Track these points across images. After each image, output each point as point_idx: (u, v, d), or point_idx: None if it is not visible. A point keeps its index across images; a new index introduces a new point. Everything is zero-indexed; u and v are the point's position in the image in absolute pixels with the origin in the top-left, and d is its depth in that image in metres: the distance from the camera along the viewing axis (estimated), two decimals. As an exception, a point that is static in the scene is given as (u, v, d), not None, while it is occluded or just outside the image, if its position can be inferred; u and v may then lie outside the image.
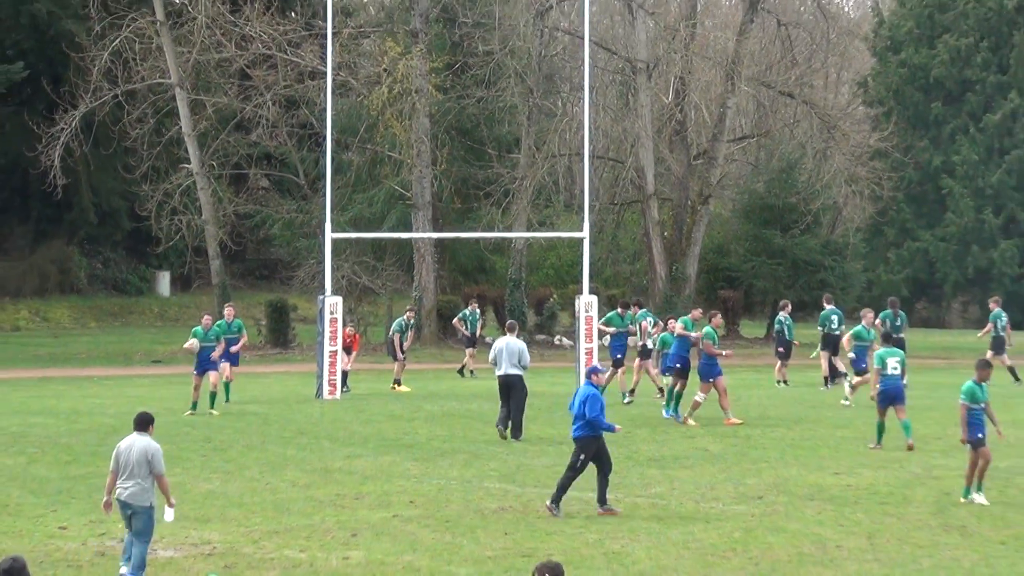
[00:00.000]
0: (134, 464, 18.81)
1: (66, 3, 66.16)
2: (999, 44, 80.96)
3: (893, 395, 29.74)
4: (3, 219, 76.72)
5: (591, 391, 23.54)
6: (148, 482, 18.79)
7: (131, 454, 18.87)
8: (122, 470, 18.86)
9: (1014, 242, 78.76)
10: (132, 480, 18.79)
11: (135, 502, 18.75)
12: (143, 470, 18.79)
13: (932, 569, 19.36)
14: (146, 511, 18.78)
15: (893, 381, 29.72)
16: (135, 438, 19.02)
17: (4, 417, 36.07)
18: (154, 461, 18.80)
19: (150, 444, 18.95)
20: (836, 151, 66.55)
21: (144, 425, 19.19)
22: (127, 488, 18.80)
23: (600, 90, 69.63)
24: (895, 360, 29.82)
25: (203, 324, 37.42)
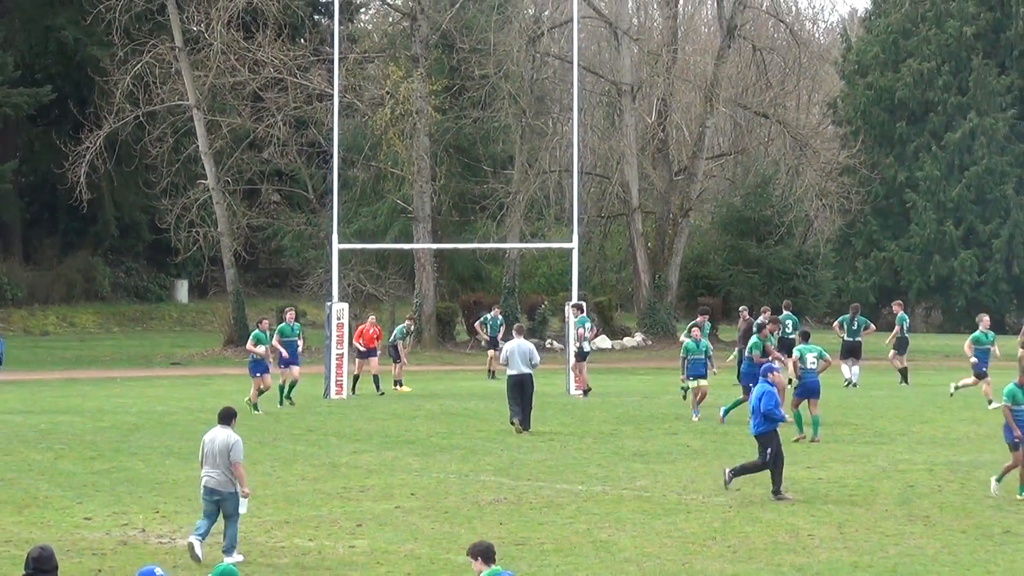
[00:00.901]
0: (217, 454, 19.28)
1: (91, 30, 65.98)
2: (959, 68, 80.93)
3: (811, 389, 30.33)
4: (33, 231, 76.59)
5: (766, 388, 23.76)
6: (231, 471, 19.26)
7: (214, 445, 19.34)
8: (206, 459, 19.37)
9: (973, 252, 78.71)
10: (216, 469, 19.30)
11: (222, 488, 19.22)
12: (225, 459, 19.22)
13: (898, 556, 19.33)
14: (233, 496, 19.23)
15: (812, 375, 30.34)
16: (218, 430, 19.54)
17: (33, 415, 36.01)
18: (233, 450, 19.23)
19: (230, 435, 19.39)
20: (807, 167, 66.48)
21: (227, 419, 19.68)
22: (213, 476, 19.32)
23: (588, 111, 69.58)
24: (813, 355, 30.53)
25: (262, 327, 37.06)
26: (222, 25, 58.90)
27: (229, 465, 19.21)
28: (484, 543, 14.08)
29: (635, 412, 36.13)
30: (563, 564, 18.88)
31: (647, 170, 68.79)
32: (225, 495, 19.22)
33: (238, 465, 19.26)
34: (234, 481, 19.22)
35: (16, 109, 68.90)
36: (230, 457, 19.21)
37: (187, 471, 26.56)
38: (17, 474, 26.33)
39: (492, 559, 13.88)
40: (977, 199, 79.09)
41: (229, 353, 59.49)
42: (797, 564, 18.86)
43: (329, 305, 41.52)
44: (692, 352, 33.75)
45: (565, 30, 64.16)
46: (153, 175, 63.07)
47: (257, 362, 36.44)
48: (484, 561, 13.86)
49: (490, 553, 13.87)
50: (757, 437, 23.82)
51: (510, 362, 32.36)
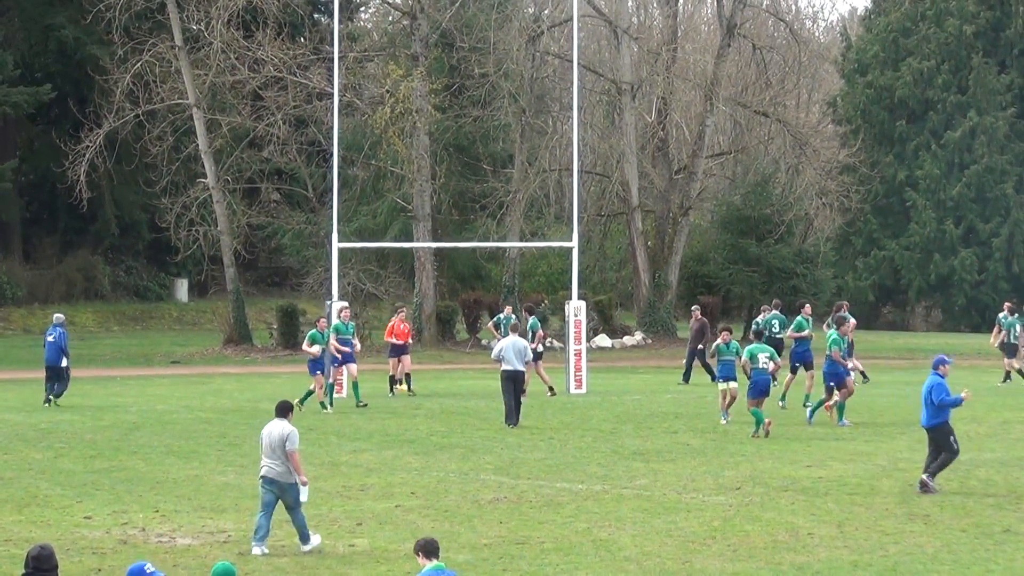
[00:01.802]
0: (275, 445, 19.75)
1: (91, 29, 65.97)
2: (959, 67, 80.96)
3: (762, 388, 31.00)
4: (33, 230, 76.62)
5: (936, 380, 24.06)
6: (289, 461, 19.67)
7: (272, 437, 19.83)
8: (265, 451, 19.84)
9: (973, 251, 78.74)
10: (275, 460, 19.76)
11: (282, 479, 19.66)
12: (282, 450, 19.68)
13: (898, 555, 19.33)
14: (292, 486, 19.68)
15: (763, 374, 31.00)
16: (275, 423, 20.01)
17: (33, 414, 36.02)
18: (289, 440, 19.69)
19: (286, 426, 19.86)
20: (807, 166, 66.52)
21: (284, 412, 20.18)
22: (273, 467, 19.78)
23: (588, 110, 69.57)
24: (765, 356, 31.21)
25: (319, 327, 36.94)
26: (222, 24, 58.90)
27: (287, 456, 19.69)
28: (427, 538, 14.40)
29: (635, 411, 36.14)
30: (563, 563, 18.88)
31: (647, 169, 68.81)
32: (284, 485, 19.67)
33: (294, 454, 19.70)
34: (291, 471, 19.67)
35: (16, 108, 68.90)
36: (286, 447, 19.67)
37: (187, 470, 26.58)
38: (17, 473, 26.33)
39: (434, 554, 14.16)
40: (977, 198, 79.13)
41: (229, 352, 59.51)
42: (797, 563, 18.87)
43: (329, 304, 41.53)
44: (723, 354, 33.22)
45: (565, 29, 64.21)
46: (153, 174, 63.08)
47: (315, 361, 36.26)
48: (426, 556, 14.16)
49: (431, 548, 14.17)
50: (933, 428, 23.99)
51: (504, 358, 33.01)
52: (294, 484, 19.68)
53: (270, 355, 59.13)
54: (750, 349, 31.48)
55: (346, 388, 38.96)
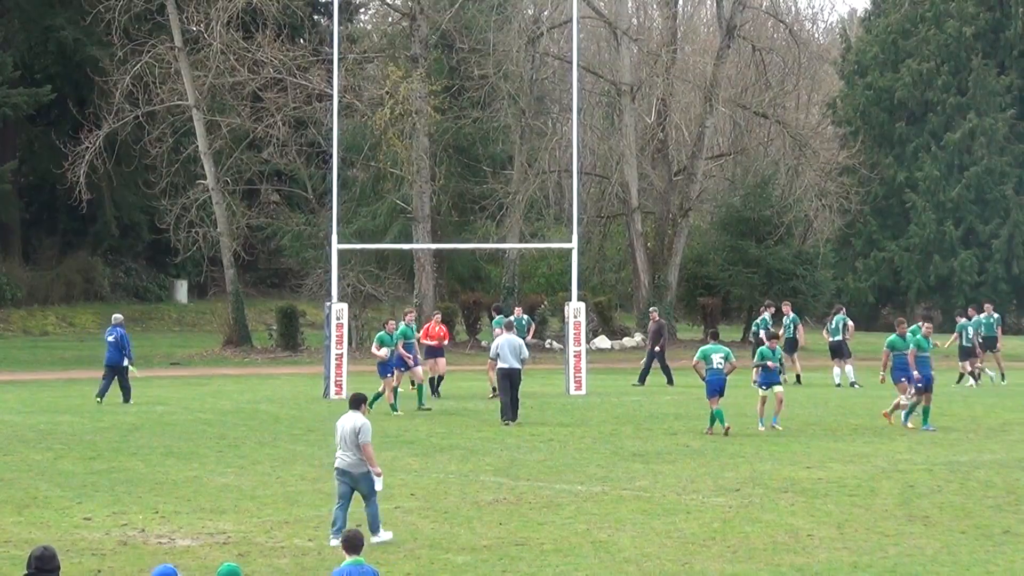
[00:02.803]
0: (348, 437, 20.31)
1: (90, 30, 65.95)
2: (958, 68, 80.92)
3: (718, 387, 31.42)
4: (32, 232, 76.59)
5: None
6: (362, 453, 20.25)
7: (345, 429, 20.37)
8: (339, 443, 20.42)
9: (973, 252, 78.69)
10: (349, 451, 20.33)
11: (354, 470, 20.25)
12: (355, 442, 20.28)
13: (898, 556, 19.34)
14: (365, 476, 20.27)
15: (718, 374, 31.40)
16: (349, 415, 20.52)
17: (32, 415, 36.01)
18: (361, 432, 20.23)
19: (359, 418, 20.41)
20: (807, 167, 66.54)
21: (357, 404, 20.71)
22: (346, 458, 20.36)
23: (587, 111, 69.56)
24: (720, 356, 31.61)
25: (388, 329, 36.76)
26: (221, 25, 58.91)
27: (359, 447, 20.21)
28: (350, 532, 14.82)
29: (634, 412, 36.14)
30: (562, 564, 18.89)
31: (646, 170, 68.81)
32: (357, 476, 20.22)
33: (367, 446, 20.24)
34: (364, 462, 20.20)
35: (15, 109, 68.89)
36: (359, 439, 20.17)
37: (187, 471, 26.58)
38: (17, 474, 26.33)
39: (355, 549, 14.47)
40: (977, 199, 79.10)
41: (228, 353, 59.51)
42: (797, 564, 18.88)
43: (328, 305, 41.53)
44: (768, 359, 32.76)
45: (564, 30, 64.20)
46: (153, 175, 63.07)
47: (384, 364, 36.08)
48: (347, 550, 14.50)
49: (352, 543, 14.50)
50: None
51: (500, 356, 33.62)
52: (366, 474, 20.21)
53: (270, 356, 59.13)
54: (703, 350, 31.95)
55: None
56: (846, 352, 44.07)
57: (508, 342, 33.79)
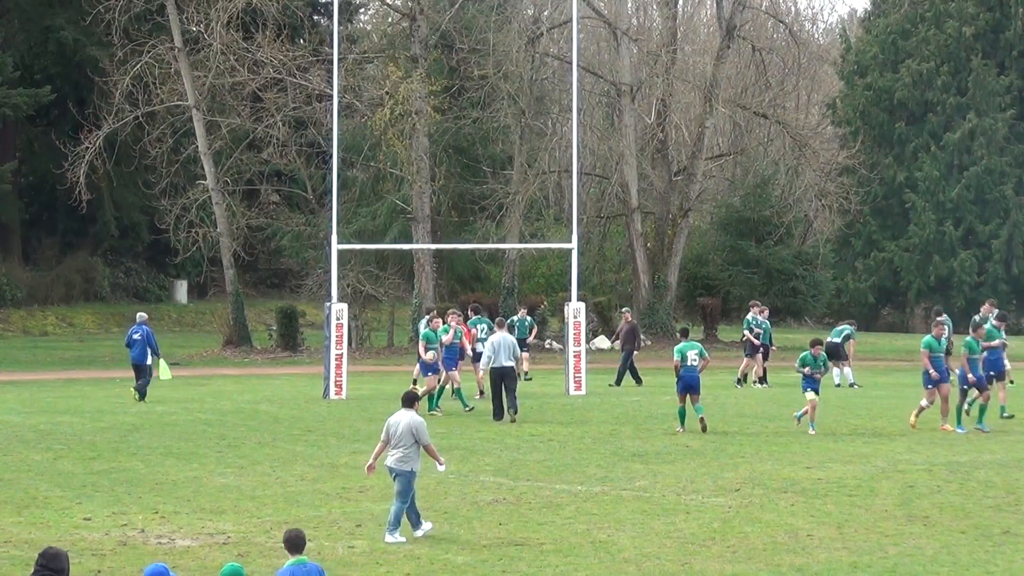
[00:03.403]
0: (401, 435, 20.64)
1: (90, 31, 65.98)
2: (958, 68, 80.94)
3: (691, 384, 31.81)
4: (32, 232, 76.62)
5: None
6: (412, 450, 20.66)
7: (399, 427, 20.69)
8: (392, 441, 20.72)
9: (972, 252, 78.70)
10: (399, 448, 20.69)
11: (399, 467, 20.60)
12: (408, 440, 20.63)
13: (897, 556, 19.34)
14: (406, 475, 20.58)
15: (692, 371, 31.81)
16: (403, 413, 20.83)
17: (32, 416, 36.00)
18: (418, 432, 20.68)
19: (414, 418, 20.80)
20: (807, 168, 66.54)
21: (410, 402, 21.03)
22: (395, 455, 20.70)
23: (587, 111, 69.58)
24: (694, 353, 31.97)
25: (432, 326, 36.55)
26: (221, 25, 58.93)
27: (412, 445, 20.61)
28: (291, 531, 14.72)
29: (634, 412, 36.13)
30: (562, 564, 18.89)
31: (646, 170, 68.81)
32: (400, 472, 20.58)
33: (429, 446, 20.78)
34: (410, 461, 20.58)
35: (15, 109, 68.92)
36: (416, 439, 20.62)
37: (186, 471, 26.57)
38: (17, 474, 26.32)
39: (298, 548, 14.43)
40: (976, 199, 79.12)
41: (228, 354, 59.52)
42: (796, 564, 18.87)
43: (328, 305, 41.52)
44: (810, 366, 32.12)
45: (564, 30, 64.19)
46: (152, 175, 63.11)
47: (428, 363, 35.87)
48: (289, 550, 14.48)
49: (294, 542, 14.46)
50: None
51: (495, 356, 33.88)
52: (408, 472, 20.55)
53: (270, 356, 59.12)
54: (680, 348, 32.30)
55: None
56: (843, 355, 44.08)
57: (503, 340, 34.13)
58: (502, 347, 33.97)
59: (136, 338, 39.78)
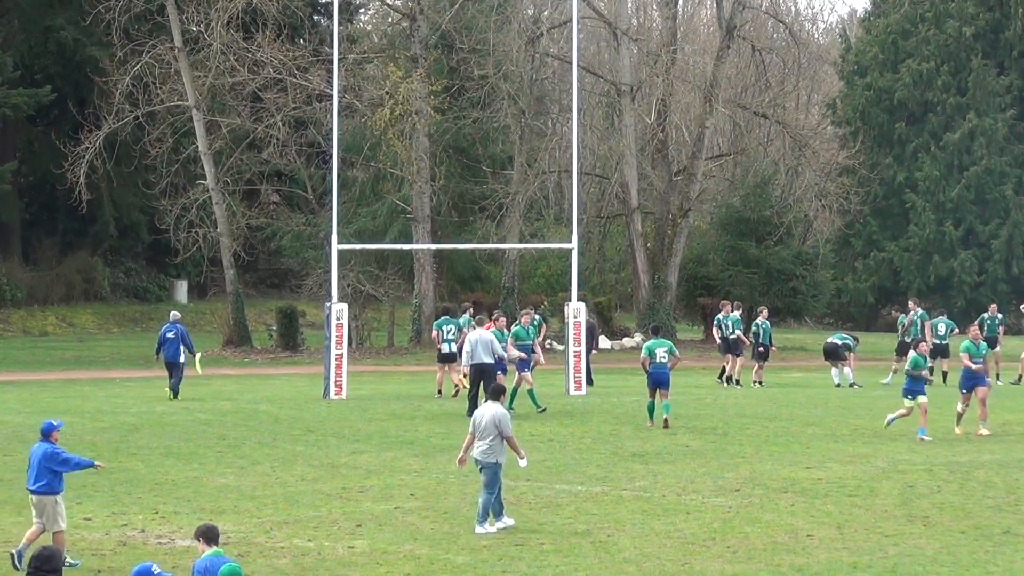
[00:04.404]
0: (486, 427, 21.18)
1: (90, 31, 65.96)
2: (958, 68, 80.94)
3: (660, 380, 32.38)
4: (32, 232, 76.61)
5: None
6: (496, 442, 21.19)
7: (484, 419, 21.25)
8: (478, 433, 21.23)
9: (972, 252, 78.71)
10: (484, 440, 21.26)
11: (484, 459, 21.19)
12: (492, 431, 21.14)
13: (897, 556, 19.34)
14: (492, 466, 21.16)
15: (661, 368, 32.36)
16: (488, 406, 21.49)
17: (32, 416, 35.96)
18: (501, 424, 21.20)
19: (498, 410, 21.39)
20: (807, 168, 66.52)
21: (496, 395, 21.77)
22: (480, 447, 21.27)
23: (587, 111, 69.55)
24: (663, 350, 32.61)
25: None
26: (221, 25, 58.93)
27: (496, 437, 21.10)
28: (206, 524, 14.94)
29: (634, 412, 36.10)
30: (562, 564, 18.89)
31: (646, 170, 68.78)
32: (485, 465, 21.16)
33: (511, 439, 21.26)
34: (497, 453, 21.12)
35: (15, 109, 68.92)
36: (499, 431, 21.09)
37: (186, 472, 26.58)
38: (17, 474, 26.29)
39: (214, 541, 14.62)
40: (976, 199, 79.13)
41: (228, 354, 59.50)
42: (796, 564, 18.88)
43: (328, 306, 41.52)
44: (921, 367, 31.38)
45: (564, 30, 64.18)
46: (152, 175, 63.10)
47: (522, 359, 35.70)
48: (206, 542, 14.59)
49: (211, 534, 14.65)
50: None
51: (472, 353, 34.10)
52: (494, 464, 21.12)
53: (270, 356, 59.11)
54: (648, 345, 32.93)
55: None
56: (842, 355, 44.12)
57: (480, 338, 34.28)
58: (479, 345, 34.09)
59: (170, 336, 40.51)
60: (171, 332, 40.57)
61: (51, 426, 19.98)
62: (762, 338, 44.26)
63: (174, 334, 40.45)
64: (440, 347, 40.45)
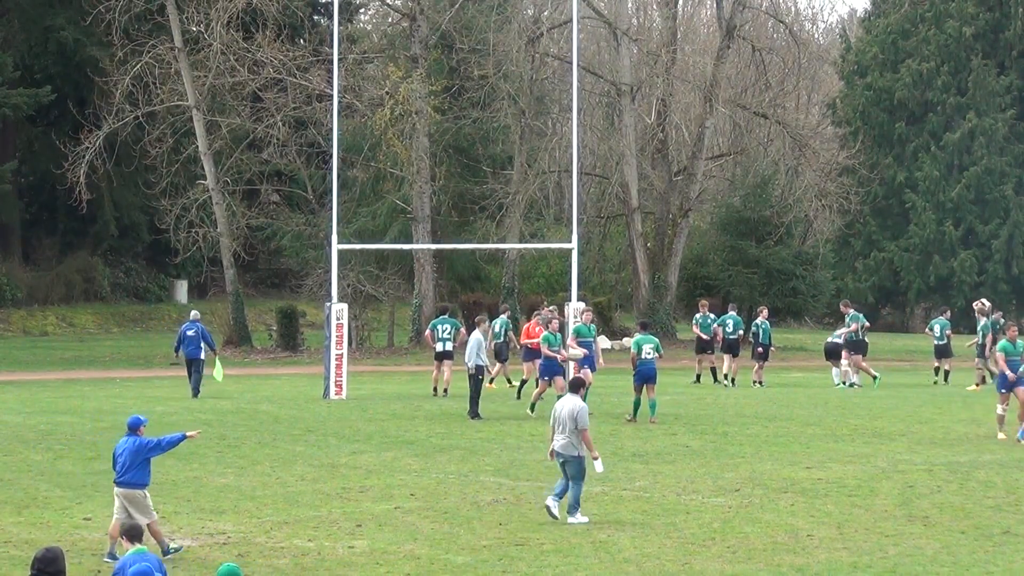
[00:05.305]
0: (565, 420, 21.41)
1: (90, 31, 65.95)
2: (958, 68, 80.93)
3: (648, 376, 32.83)
4: (32, 232, 76.61)
5: None
6: (575, 435, 21.41)
7: (563, 412, 21.49)
8: (557, 426, 21.50)
9: (972, 252, 78.70)
10: (563, 434, 21.47)
11: (565, 452, 21.46)
12: (570, 425, 21.36)
13: (897, 556, 19.34)
14: (576, 460, 21.42)
15: (649, 364, 32.81)
16: (567, 399, 21.78)
17: (33, 416, 36.00)
18: (578, 418, 21.36)
19: (577, 403, 21.57)
20: (807, 168, 66.52)
21: (576, 388, 22.16)
22: (559, 441, 21.51)
23: (587, 111, 69.57)
24: (650, 347, 33.14)
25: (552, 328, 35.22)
26: (221, 25, 58.94)
27: (573, 431, 21.29)
28: (129, 523, 15.37)
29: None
30: (562, 564, 18.89)
31: (646, 170, 68.79)
32: (568, 458, 21.37)
33: (585, 432, 21.38)
34: (577, 446, 21.30)
35: (16, 109, 68.92)
36: (576, 424, 21.25)
37: (186, 472, 26.57)
38: (17, 474, 26.33)
39: (138, 539, 14.77)
40: (976, 199, 79.12)
41: (228, 353, 59.45)
42: (796, 564, 18.87)
43: (328, 305, 41.52)
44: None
45: (564, 30, 64.18)
46: (152, 176, 63.10)
47: (550, 363, 35.37)
48: (130, 540, 14.71)
49: (132, 533, 14.81)
50: None
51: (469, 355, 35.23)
52: (576, 457, 21.34)
53: (270, 356, 59.13)
54: (636, 341, 33.42)
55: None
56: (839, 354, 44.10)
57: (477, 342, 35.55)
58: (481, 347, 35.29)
59: (190, 334, 40.89)
60: (191, 330, 40.98)
61: (139, 421, 20.27)
62: (762, 338, 44.24)
63: (194, 332, 40.90)
64: (435, 346, 40.57)
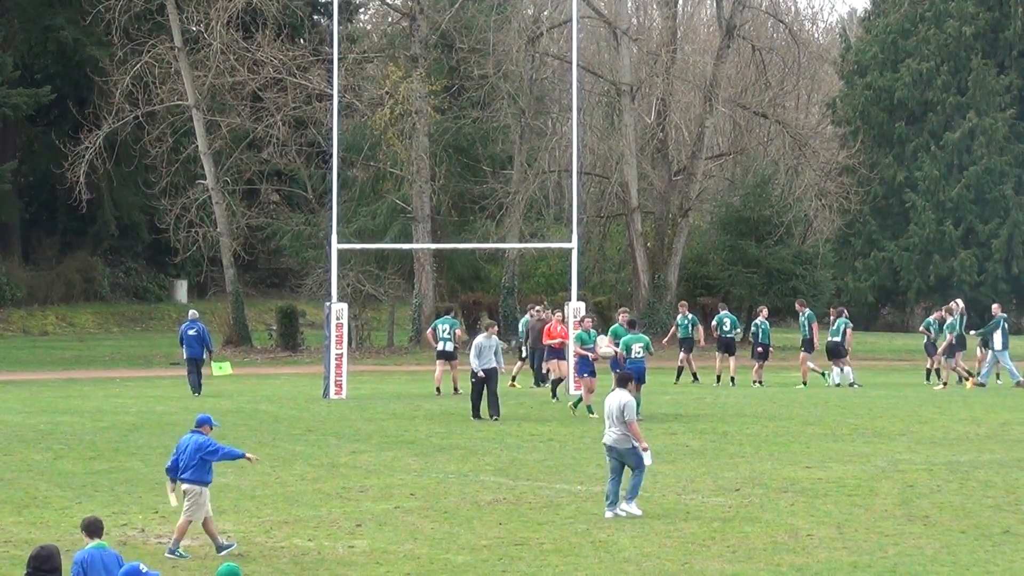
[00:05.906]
0: (614, 414, 21.82)
1: (90, 31, 65.97)
2: (958, 68, 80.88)
3: (636, 375, 32.18)
4: (32, 231, 76.62)
5: None
6: (625, 427, 21.80)
7: (612, 407, 21.86)
8: (608, 420, 21.95)
9: (972, 252, 78.64)
10: (614, 428, 21.87)
11: (620, 446, 21.84)
12: (620, 419, 21.77)
13: (897, 556, 19.34)
14: (630, 451, 21.83)
15: (637, 363, 32.99)
16: (616, 393, 22.09)
17: (32, 416, 36.01)
18: (626, 410, 21.75)
19: (624, 396, 21.96)
20: (807, 167, 66.52)
21: (623, 382, 22.41)
22: (611, 434, 21.92)
23: (587, 111, 69.54)
24: (639, 346, 33.47)
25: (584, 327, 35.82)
26: (221, 25, 58.94)
27: (622, 423, 21.69)
28: (89, 518, 15.42)
29: (634, 412, 36.07)
30: (562, 564, 18.89)
31: (646, 170, 68.78)
32: (622, 451, 21.82)
33: (632, 424, 21.75)
34: (628, 438, 21.69)
35: (15, 109, 68.93)
36: (624, 417, 21.63)
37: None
38: (17, 474, 26.33)
39: (97, 533, 15.04)
40: (976, 199, 79.07)
41: (228, 353, 59.43)
42: (796, 564, 18.88)
43: (328, 305, 41.52)
44: None
45: (564, 30, 64.19)
46: (152, 175, 63.12)
47: (584, 362, 35.49)
48: (89, 535, 14.99)
49: (94, 528, 15.08)
50: None
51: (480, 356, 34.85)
52: (631, 449, 21.73)
53: (269, 356, 59.13)
54: (625, 340, 33.61)
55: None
56: (843, 352, 44.07)
57: (488, 343, 35.21)
58: (487, 349, 34.91)
59: (191, 334, 41.07)
60: (192, 330, 41.16)
61: (206, 419, 20.65)
62: (761, 338, 44.24)
63: (195, 332, 41.07)
64: (436, 345, 40.76)
